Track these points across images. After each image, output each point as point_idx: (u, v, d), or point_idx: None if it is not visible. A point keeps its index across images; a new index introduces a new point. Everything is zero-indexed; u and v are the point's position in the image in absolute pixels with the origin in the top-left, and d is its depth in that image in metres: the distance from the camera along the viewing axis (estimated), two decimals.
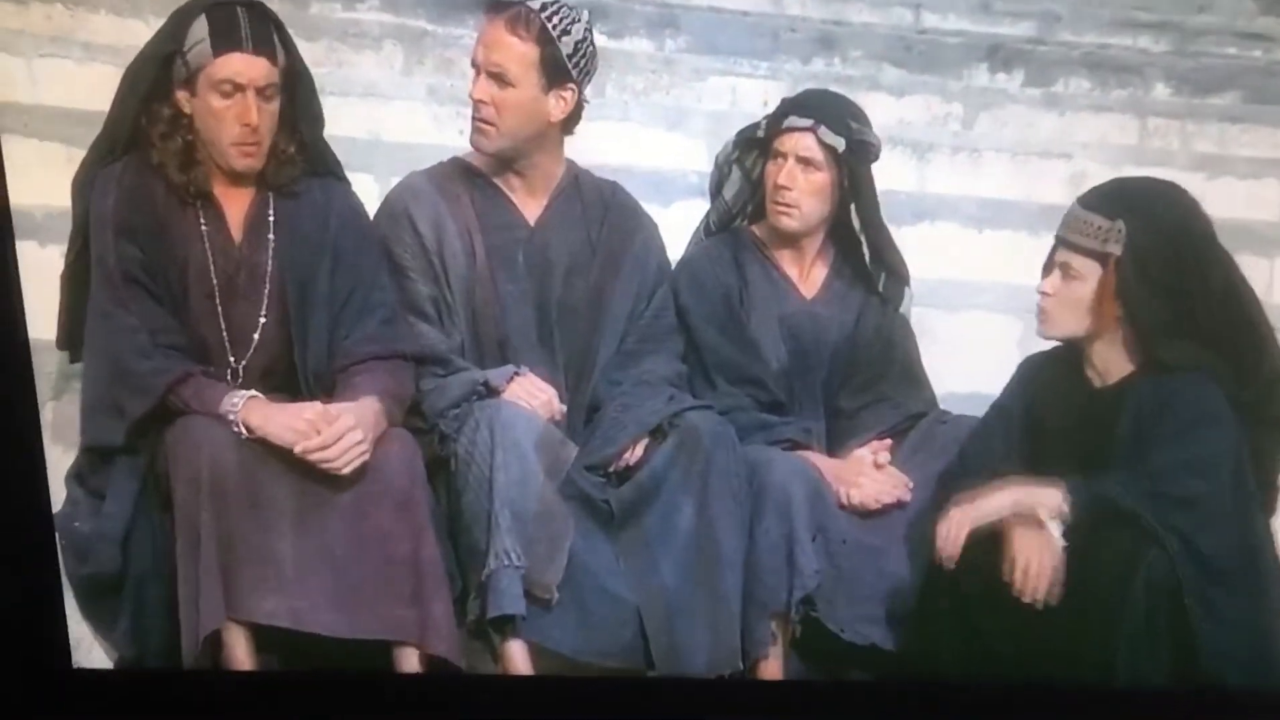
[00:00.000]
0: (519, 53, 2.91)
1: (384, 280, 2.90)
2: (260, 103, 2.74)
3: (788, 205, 3.07)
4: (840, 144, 3.05)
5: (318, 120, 2.89)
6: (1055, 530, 2.67)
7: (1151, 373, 2.73)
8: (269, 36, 2.75)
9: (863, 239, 3.14)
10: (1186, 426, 2.67)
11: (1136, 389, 2.74)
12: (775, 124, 3.08)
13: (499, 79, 2.91)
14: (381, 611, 2.67)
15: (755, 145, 3.13)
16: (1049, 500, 2.68)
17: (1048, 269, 2.79)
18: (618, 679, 2.87)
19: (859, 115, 3.11)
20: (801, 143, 3.05)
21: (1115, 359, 2.76)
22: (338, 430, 2.64)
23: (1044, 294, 2.78)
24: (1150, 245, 2.69)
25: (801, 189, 3.06)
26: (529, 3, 2.94)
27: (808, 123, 3.05)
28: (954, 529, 2.67)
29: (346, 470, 2.66)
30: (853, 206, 3.12)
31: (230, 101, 2.73)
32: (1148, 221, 2.70)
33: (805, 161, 3.05)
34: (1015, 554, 2.66)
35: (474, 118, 2.96)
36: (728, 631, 2.82)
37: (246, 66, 2.72)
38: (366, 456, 2.67)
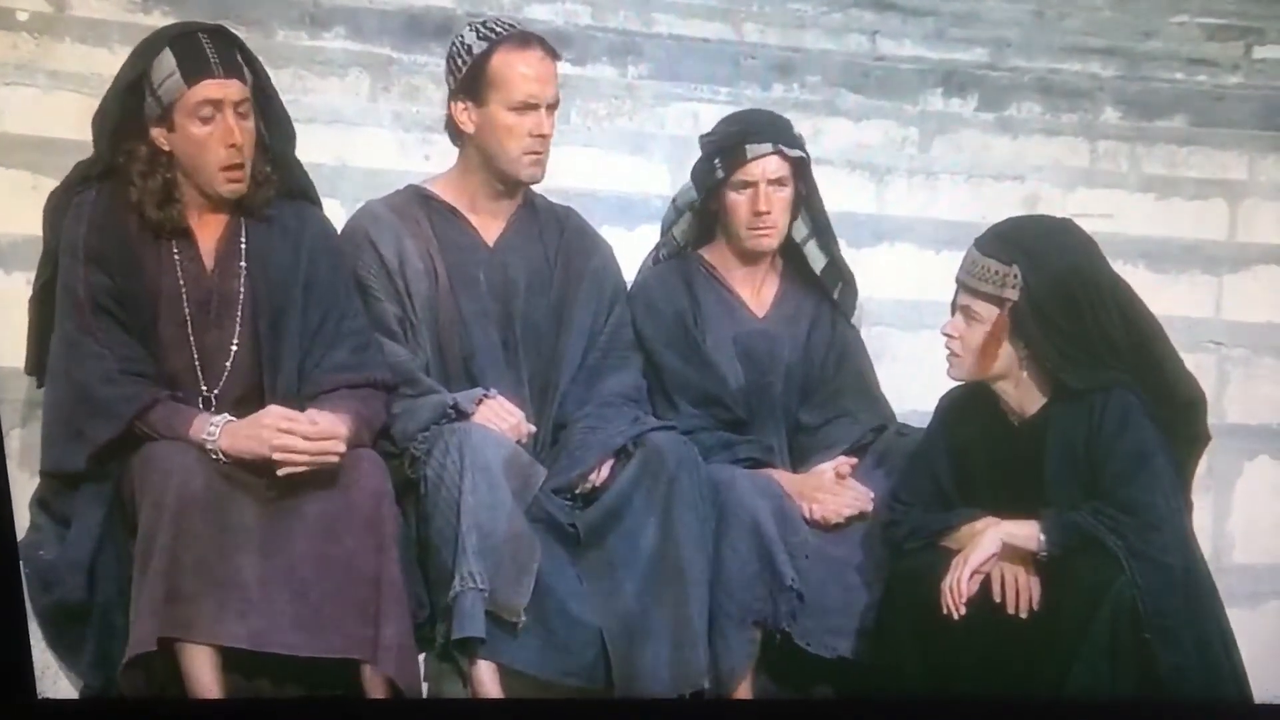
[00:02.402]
0: (557, 77, 2.98)
1: (356, 307, 2.91)
2: (239, 121, 2.75)
3: (769, 228, 3.11)
4: (802, 154, 3.12)
5: (290, 137, 2.90)
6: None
7: (1065, 399, 2.78)
8: (235, 59, 2.76)
9: (814, 244, 3.20)
10: (1130, 442, 2.72)
11: (1055, 418, 2.79)
12: (733, 157, 3.09)
13: (553, 107, 2.97)
14: (343, 630, 2.66)
15: (716, 185, 3.14)
16: (1026, 533, 2.72)
17: (952, 311, 2.84)
18: (586, 701, 2.87)
19: (790, 123, 3.17)
20: (769, 165, 3.09)
21: (1028, 395, 2.81)
22: (314, 428, 2.65)
23: (949, 336, 2.82)
24: (1044, 290, 2.74)
25: (777, 209, 3.11)
26: (522, 28, 2.99)
27: (768, 146, 3.09)
28: (959, 584, 2.70)
29: (319, 462, 2.66)
30: (802, 214, 3.17)
31: (211, 126, 2.74)
32: (1041, 266, 2.75)
33: (776, 182, 3.10)
34: (1002, 573, 2.72)
35: (534, 152, 2.97)
36: (691, 650, 2.83)
37: (219, 88, 2.73)
38: (338, 455, 2.67)
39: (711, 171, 3.12)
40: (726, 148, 3.10)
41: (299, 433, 2.65)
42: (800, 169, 3.12)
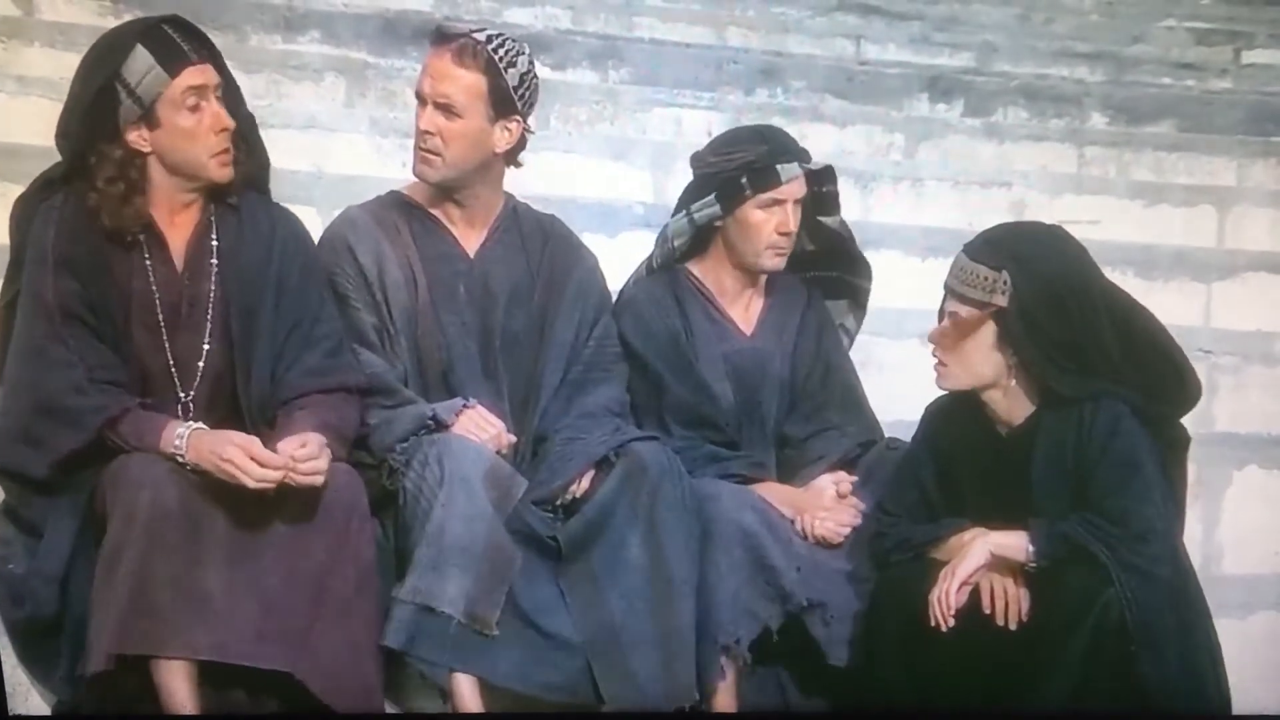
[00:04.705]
0: (467, 84, 2.90)
1: (329, 311, 2.87)
2: (220, 106, 2.73)
3: (787, 248, 3.09)
4: (824, 165, 3.10)
5: (251, 118, 2.87)
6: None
7: (1055, 407, 2.75)
8: (200, 45, 2.75)
9: (848, 236, 3.20)
10: (1120, 451, 2.70)
11: (1044, 426, 2.76)
12: (766, 179, 3.04)
13: (446, 110, 2.91)
14: (295, 642, 2.62)
15: (739, 202, 3.07)
16: (1015, 543, 2.69)
17: (940, 318, 2.81)
18: (568, 714, 2.83)
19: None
20: (798, 185, 3.06)
21: (1016, 403, 2.78)
22: (304, 453, 2.61)
23: (936, 343, 2.79)
24: (1034, 296, 2.71)
25: (796, 229, 3.08)
26: (474, 34, 2.93)
27: (797, 167, 3.06)
28: (947, 595, 2.67)
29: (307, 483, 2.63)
30: (828, 220, 3.16)
31: (199, 114, 2.71)
32: (1031, 272, 2.72)
33: (799, 202, 3.07)
34: (991, 584, 2.69)
35: (419, 148, 2.94)
36: (683, 663, 2.79)
37: (200, 74, 2.72)
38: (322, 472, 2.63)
39: (739, 190, 3.06)
40: (757, 169, 3.04)
41: (262, 460, 2.60)
42: (815, 179, 3.10)
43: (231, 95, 2.81)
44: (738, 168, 3.05)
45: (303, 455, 2.61)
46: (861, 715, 2.87)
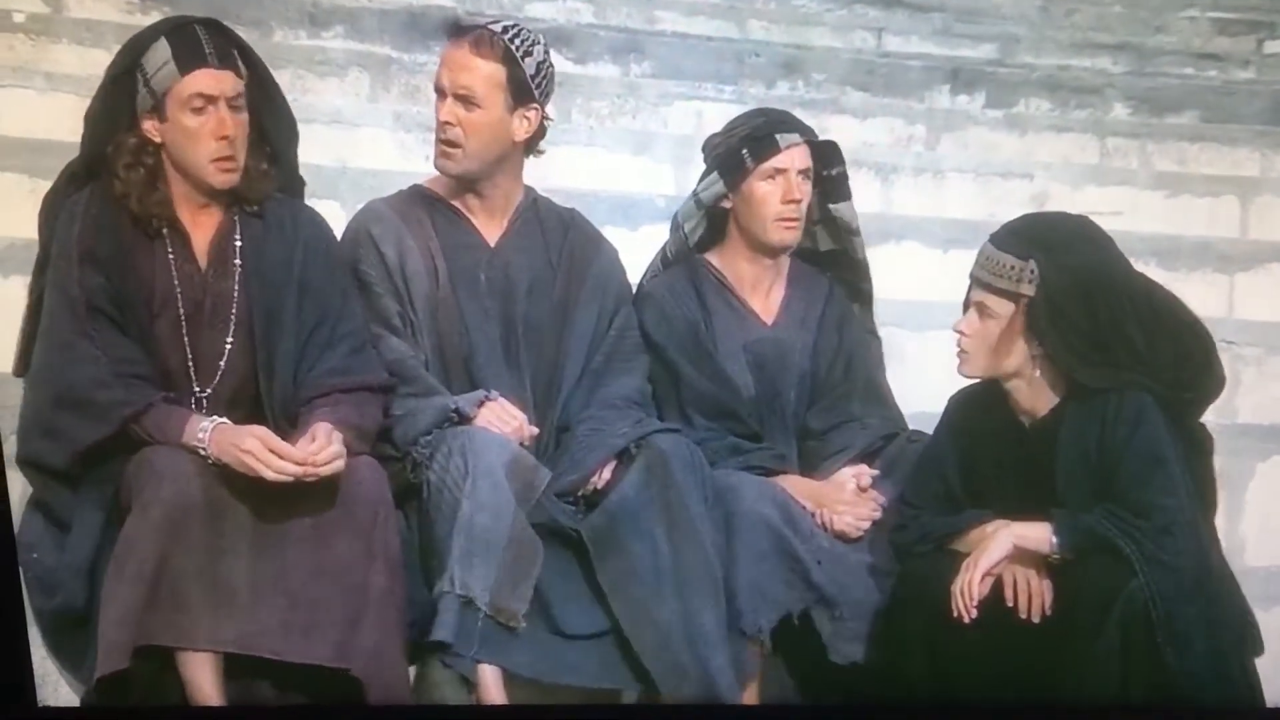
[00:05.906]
0: (485, 74, 2.93)
1: (352, 310, 2.89)
2: (232, 114, 2.74)
3: (797, 219, 3.08)
4: (827, 140, 3.11)
5: (293, 132, 2.89)
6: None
7: (1079, 398, 2.75)
8: (229, 52, 2.76)
9: (856, 238, 3.19)
10: (1144, 443, 2.70)
11: (1068, 417, 2.76)
12: (765, 147, 3.06)
13: (466, 101, 2.93)
14: (329, 638, 2.64)
15: (742, 175, 3.10)
16: (1038, 535, 2.69)
17: (965, 308, 2.81)
18: (589, 706, 2.85)
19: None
20: (799, 155, 3.07)
21: (1040, 394, 2.78)
22: (316, 448, 2.63)
23: (961, 333, 2.79)
24: (1061, 285, 2.71)
25: (804, 200, 3.08)
26: (490, 25, 2.96)
27: (798, 136, 3.07)
28: (970, 586, 2.68)
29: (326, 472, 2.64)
30: (839, 207, 3.16)
31: (203, 117, 2.73)
32: (1058, 261, 2.72)
33: (804, 173, 3.07)
34: (1014, 576, 2.70)
35: (439, 140, 2.96)
36: (718, 657, 2.79)
37: (214, 80, 2.73)
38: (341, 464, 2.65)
39: (740, 162, 3.08)
40: (756, 138, 3.07)
41: (281, 453, 2.62)
42: (820, 155, 3.10)
43: (269, 110, 2.82)
44: (738, 141, 3.08)
45: (316, 447, 2.63)
46: (882, 708, 2.87)
